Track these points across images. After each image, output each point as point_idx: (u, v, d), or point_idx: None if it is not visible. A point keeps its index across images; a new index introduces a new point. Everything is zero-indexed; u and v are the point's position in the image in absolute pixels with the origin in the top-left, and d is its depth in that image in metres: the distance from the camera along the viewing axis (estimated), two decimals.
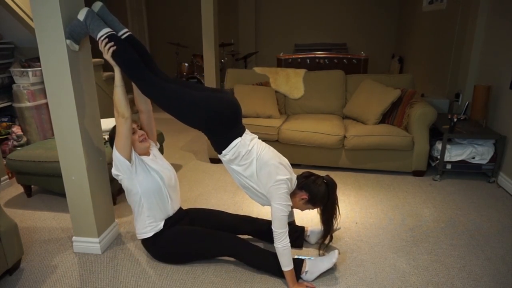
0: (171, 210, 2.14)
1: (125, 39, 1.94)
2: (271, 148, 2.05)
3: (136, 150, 2.07)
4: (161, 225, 2.09)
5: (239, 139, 1.93)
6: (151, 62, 1.98)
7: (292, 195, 2.02)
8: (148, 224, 2.07)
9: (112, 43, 1.86)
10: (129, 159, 1.98)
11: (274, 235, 1.88)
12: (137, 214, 2.09)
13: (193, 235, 2.08)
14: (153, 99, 1.93)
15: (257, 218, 2.33)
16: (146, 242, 2.12)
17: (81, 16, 1.89)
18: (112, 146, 2.09)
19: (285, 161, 2.05)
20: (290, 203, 1.95)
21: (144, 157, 2.09)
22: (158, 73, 1.98)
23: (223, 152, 1.94)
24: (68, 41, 1.92)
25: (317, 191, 2.00)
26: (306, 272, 1.98)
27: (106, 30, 1.88)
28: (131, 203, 2.10)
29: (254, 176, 1.96)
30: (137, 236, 2.14)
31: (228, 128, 1.92)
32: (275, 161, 1.96)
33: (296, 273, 1.97)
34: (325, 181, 2.04)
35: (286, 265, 1.89)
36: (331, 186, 2.01)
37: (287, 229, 1.89)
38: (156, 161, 2.14)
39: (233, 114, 1.93)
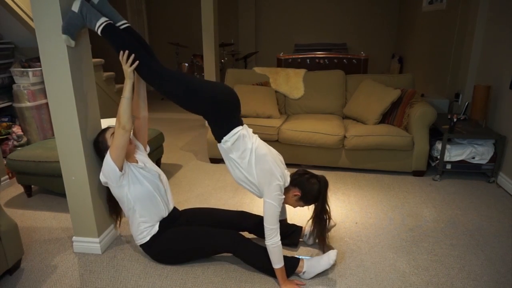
0: (165, 211, 2.14)
1: (124, 29, 1.95)
2: (266, 144, 2.08)
3: (127, 159, 2.07)
4: (156, 227, 2.09)
5: (241, 127, 1.98)
6: (152, 54, 2.02)
7: (285, 191, 2.03)
8: (144, 229, 2.07)
9: (133, 55, 1.89)
10: (121, 169, 1.96)
11: (265, 232, 1.90)
12: (131, 220, 2.09)
13: (189, 234, 2.08)
14: (161, 87, 1.95)
15: (253, 214, 2.33)
16: (143, 246, 2.12)
17: (75, 7, 1.85)
18: (97, 153, 2.13)
19: (275, 153, 2.09)
20: (283, 197, 1.96)
21: (134, 165, 2.06)
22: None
23: (225, 138, 1.96)
24: (64, 36, 1.86)
25: (310, 189, 2.02)
26: (304, 272, 1.99)
27: (103, 19, 1.88)
28: (124, 209, 2.10)
29: (252, 168, 1.97)
30: (135, 242, 2.15)
31: (232, 115, 1.98)
32: (270, 158, 1.99)
33: (291, 272, 1.98)
34: (318, 179, 2.05)
35: (277, 263, 1.91)
36: (323, 185, 2.03)
37: (278, 225, 1.90)
38: (146, 167, 2.12)
39: (236, 102, 2.01)
